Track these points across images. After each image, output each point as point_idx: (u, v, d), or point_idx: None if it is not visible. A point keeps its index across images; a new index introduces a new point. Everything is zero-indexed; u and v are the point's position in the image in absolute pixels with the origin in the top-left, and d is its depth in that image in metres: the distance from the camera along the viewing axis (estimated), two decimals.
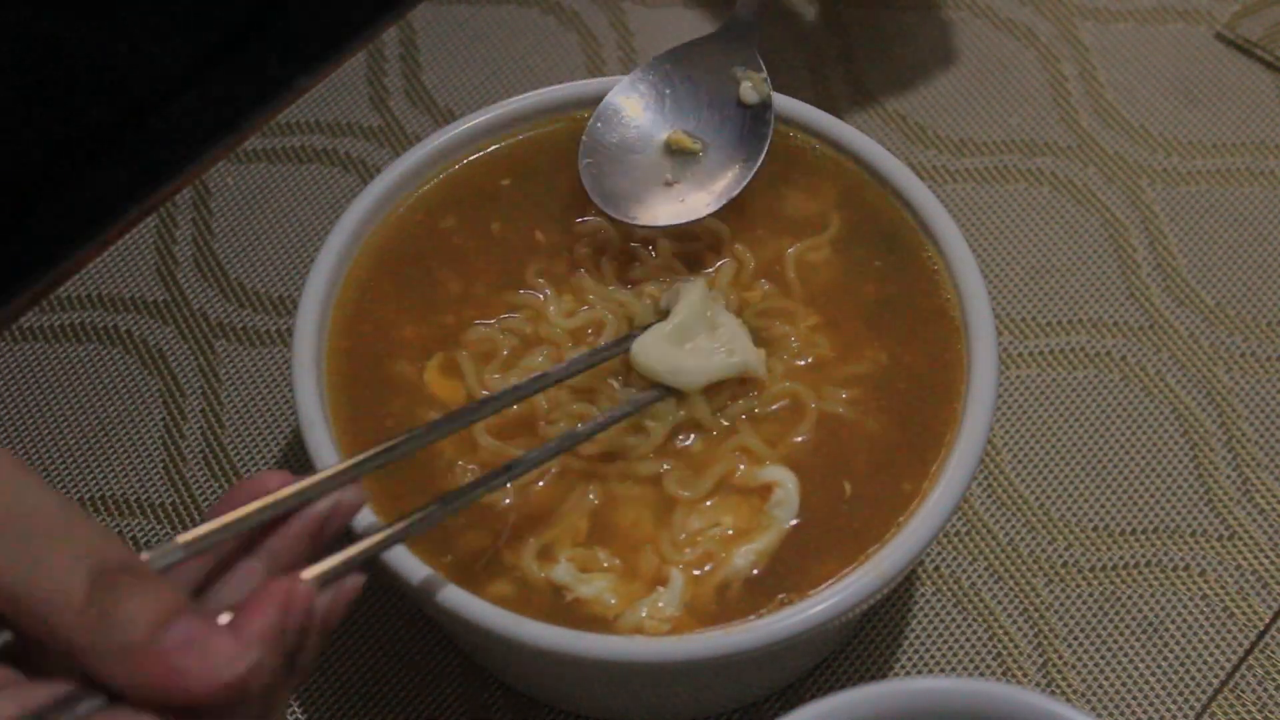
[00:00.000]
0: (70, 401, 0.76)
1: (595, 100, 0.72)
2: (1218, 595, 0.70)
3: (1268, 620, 0.69)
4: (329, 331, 0.66)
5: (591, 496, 0.63)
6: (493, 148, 0.72)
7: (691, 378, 0.64)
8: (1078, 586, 0.70)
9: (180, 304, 0.79)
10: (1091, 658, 0.68)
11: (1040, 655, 0.68)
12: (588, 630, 0.59)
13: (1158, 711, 0.67)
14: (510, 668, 0.67)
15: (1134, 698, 0.67)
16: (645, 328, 0.65)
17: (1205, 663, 0.68)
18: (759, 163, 0.69)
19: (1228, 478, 0.73)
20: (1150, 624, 0.69)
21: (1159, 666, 0.68)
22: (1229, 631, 0.69)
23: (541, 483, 0.63)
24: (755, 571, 0.61)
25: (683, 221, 0.68)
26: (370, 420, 0.65)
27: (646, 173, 0.69)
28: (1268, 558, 0.70)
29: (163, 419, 0.76)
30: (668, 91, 0.71)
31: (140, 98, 0.87)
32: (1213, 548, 0.71)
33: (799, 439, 0.64)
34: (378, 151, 0.84)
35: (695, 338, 0.64)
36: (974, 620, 0.69)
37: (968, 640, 0.69)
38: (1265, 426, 0.74)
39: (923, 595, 0.70)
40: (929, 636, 0.69)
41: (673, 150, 0.70)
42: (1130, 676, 0.68)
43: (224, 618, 0.47)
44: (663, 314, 0.66)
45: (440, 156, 0.71)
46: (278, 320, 0.78)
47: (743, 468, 0.63)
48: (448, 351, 0.67)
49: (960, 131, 0.84)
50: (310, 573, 0.49)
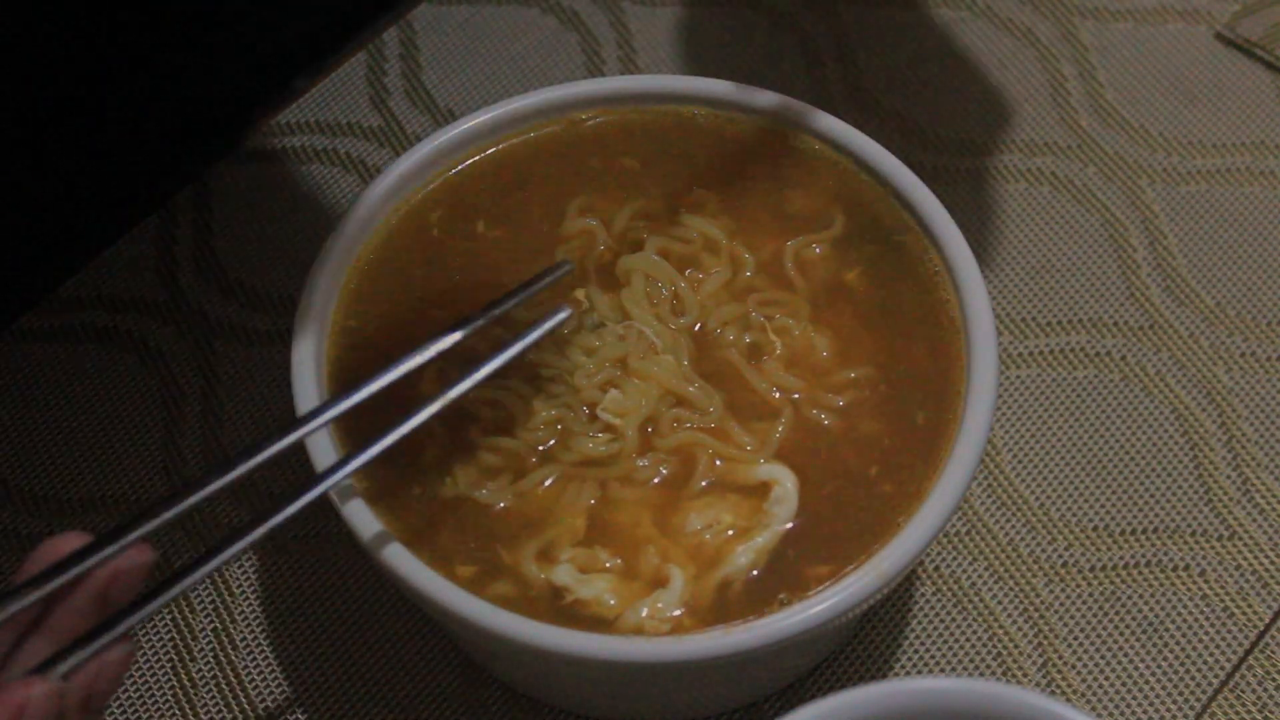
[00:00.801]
0: (70, 401, 0.76)
1: (595, 100, 0.72)
2: (1218, 595, 0.70)
3: (1268, 620, 0.69)
4: (329, 331, 0.66)
5: (590, 499, 0.63)
6: (492, 149, 0.72)
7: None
8: (1078, 586, 0.70)
9: (180, 304, 0.79)
10: (1091, 658, 0.68)
11: (1040, 655, 0.68)
12: (588, 631, 0.59)
13: (1158, 711, 0.67)
14: (510, 668, 0.67)
15: (1134, 698, 0.67)
16: None
17: (1205, 663, 0.68)
18: None
19: (1228, 478, 0.73)
20: (1150, 624, 0.69)
21: (1159, 666, 0.68)
22: (1229, 631, 0.69)
23: (542, 484, 0.63)
24: (755, 571, 0.61)
25: None
26: (370, 420, 0.65)
27: None
28: (1268, 558, 0.71)
29: (163, 419, 0.76)
30: None
31: (141, 98, 0.87)
32: (1213, 548, 0.71)
33: (798, 438, 0.64)
34: (378, 151, 0.84)
35: None
36: (974, 620, 0.69)
37: (968, 640, 0.69)
38: (1265, 426, 0.74)
39: (923, 595, 0.70)
40: (929, 636, 0.69)
41: None
42: (1130, 676, 0.68)
43: None
44: None
45: (440, 156, 0.71)
46: (278, 320, 0.78)
47: (740, 467, 0.63)
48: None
49: (960, 131, 0.84)
50: (64, 664, 0.49)
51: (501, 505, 0.63)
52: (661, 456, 0.64)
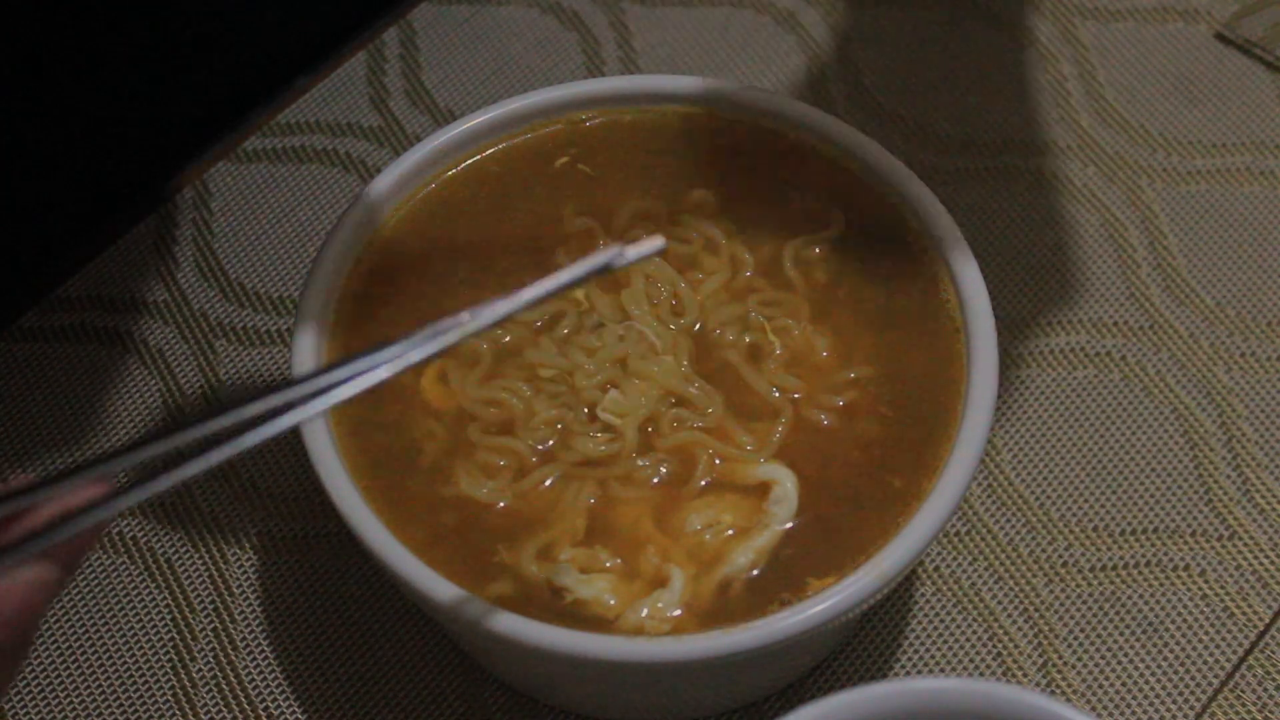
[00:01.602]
0: (70, 401, 0.76)
1: (595, 100, 0.72)
2: (1218, 595, 0.70)
3: (1268, 620, 0.69)
4: (329, 331, 0.66)
5: (590, 499, 0.63)
6: (492, 149, 0.72)
7: None
8: (1078, 586, 0.70)
9: (180, 304, 0.79)
10: (1091, 658, 0.68)
11: (1040, 655, 0.68)
12: (588, 630, 0.60)
13: (1158, 711, 0.67)
14: (510, 668, 0.67)
15: (1134, 698, 0.67)
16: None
17: (1205, 663, 0.68)
18: None
19: (1228, 478, 0.73)
20: (1150, 624, 0.69)
21: (1159, 666, 0.68)
22: (1229, 631, 0.69)
23: (542, 484, 0.63)
24: (755, 570, 0.61)
25: None
26: (370, 420, 0.65)
27: None
28: (1268, 558, 0.71)
29: (163, 419, 0.76)
30: None
31: (141, 98, 0.87)
32: (1213, 548, 0.71)
33: (798, 438, 0.64)
34: (378, 151, 0.84)
35: None
36: (974, 620, 0.69)
37: (968, 640, 0.69)
38: (1265, 426, 0.74)
39: (923, 595, 0.70)
40: (929, 636, 0.69)
41: None
42: (1130, 676, 0.68)
43: None
44: None
45: (440, 156, 0.71)
46: (278, 320, 0.78)
47: (739, 466, 0.64)
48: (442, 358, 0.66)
49: (960, 131, 0.84)
50: None
51: (501, 505, 0.63)
52: (661, 456, 0.64)
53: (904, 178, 0.69)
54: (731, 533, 0.62)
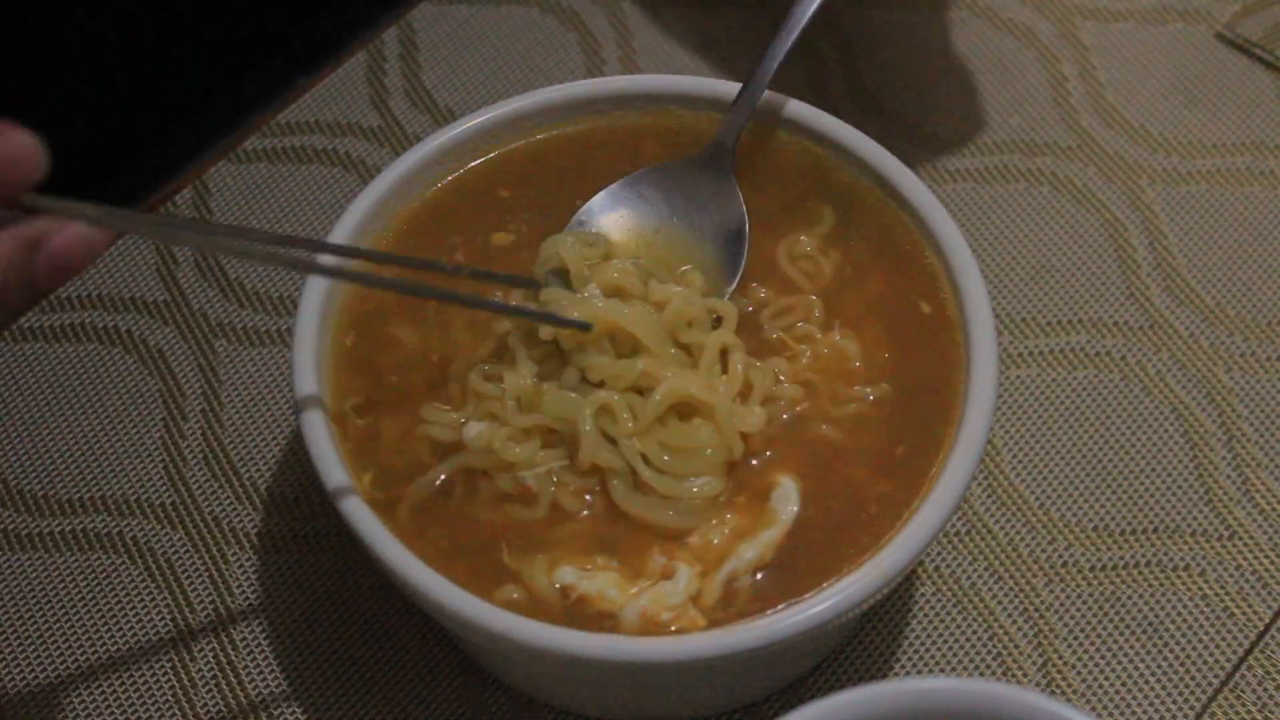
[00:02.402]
0: (70, 401, 0.76)
1: (596, 100, 0.72)
2: (1218, 595, 0.70)
3: (1268, 620, 0.69)
4: (329, 331, 0.66)
5: (587, 509, 0.63)
6: (492, 149, 0.72)
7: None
8: (1078, 586, 0.70)
9: (180, 304, 0.79)
10: (1091, 658, 0.68)
11: (1040, 655, 0.68)
12: (591, 627, 0.60)
13: (1158, 711, 0.67)
14: (510, 668, 0.67)
15: (1134, 698, 0.67)
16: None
17: (1205, 663, 0.68)
18: (733, 285, 0.68)
19: (1228, 478, 0.73)
20: (1150, 624, 0.69)
21: (1159, 666, 0.68)
22: (1229, 631, 0.69)
23: (539, 486, 0.63)
24: (759, 567, 0.61)
25: None
26: (370, 419, 0.65)
27: None
28: (1268, 558, 0.70)
29: (163, 419, 0.76)
30: (645, 209, 0.70)
31: (141, 98, 0.87)
32: (1213, 548, 0.71)
33: (798, 438, 0.64)
34: (378, 151, 0.84)
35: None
36: (974, 620, 0.69)
37: (968, 640, 0.69)
38: (1265, 426, 0.74)
39: (923, 595, 0.70)
40: (929, 636, 0.69)
41: None
42: (1130, 676, 0.68)
43: None
44: None
45: (440, 156, 0.71)
46: (278, 320, 0.78)
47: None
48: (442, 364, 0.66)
49: (960, 131, 0.84)
50: None
51: (517, 515, 0.63)
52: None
53: (903, 177, 0.69)
54: (731, 531, 0.62)
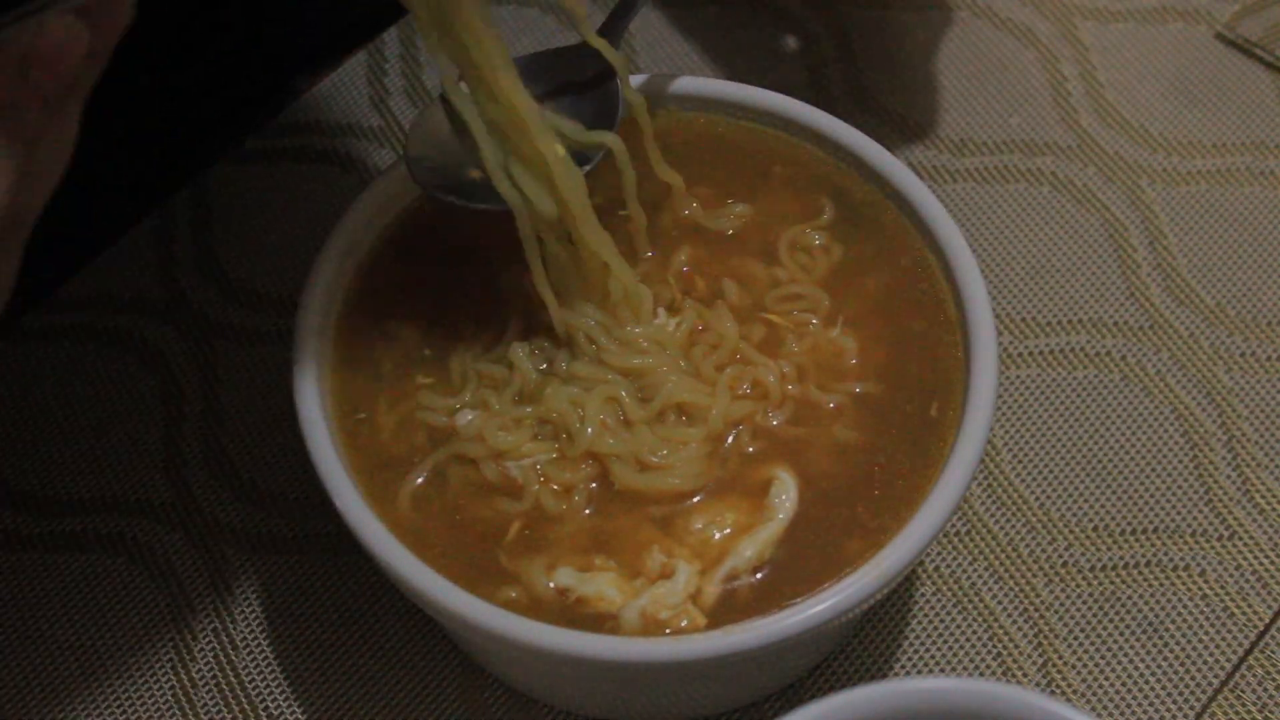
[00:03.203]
0: (70, 401, 0.76)
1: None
2: (1218, 595, 0.70)
3: (1268, 620, 0.69)
4: (329, 331, 0.66)
5: (588, 511, 0.63)
6: None
7: None
8: (1078, 586, 0.70)
9: (180, 304, 0.79)
10: (1091, 658, 0.68)
11: (1040, 655, 0.68)
12: (591, 627, 0.59)
13: (1158, 711, 0.67)
14: (510, 668, 0.67)
15: (1134, 698, 0.67)
16: None
17: (1205, 663, 0.68)
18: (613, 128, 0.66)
19: (1228, 478, 0.73)
20: (1150, 624, 0.69)
21: (1159, 666, 0.68)
22: (1229, 631, 0.69)
23: (524, 478, 0.63)
24: (759, 564, 0.61)
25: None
26: (370, 420, 0.65)
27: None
28: (1268, 558, 0.71)
29: (163, 419, 0.76)
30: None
31: (141, 98, 0.87)
32: (1213, 548, 0.71)
33: (798, 437, 0.64)
34: (378, 151, 0.84)
35: None
36: (974, 620, 0.69)
37: (968, 640, 0.69)
38: (1265, 426, 0.74)
39: (923, 595, 0.70)
40: (929, 636, 0.69)
41: None
42: (1130, 676, 0.68)
43: None
44: None
45: None
46: (278, 320, 0.78)
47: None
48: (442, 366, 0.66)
49: (960, 131, 0.84)
50: None
51: (504, 508, 0.63)
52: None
53: (904, 177, 0.69)
54: (732, 530, 0.62)
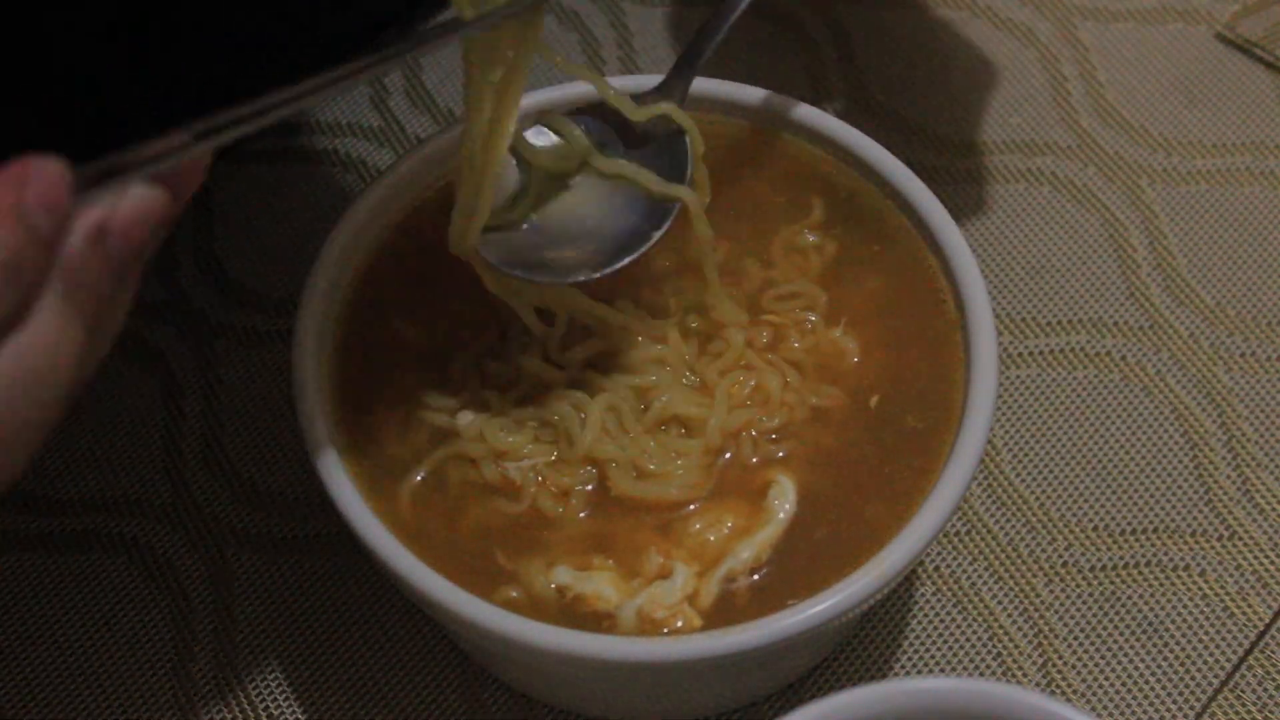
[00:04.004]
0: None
1: (594, 100, 0.72)
2: (1218, 595, 0.70)
3: (1268, 620, 0.69)
4: (329, 331, 0.66)
5: (585, 514, 0.63)
6: None
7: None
8: (1078, 586, 0.70)
9: (180, 304, 0.79)
10: (1091, 658, 0.68)
11: (1040, 655, 0.68)
12: (589, 626, 0.60)
13: (1158, 711, 0.67)
14: (510, 668, 0.67)
15: (1134, 698, 0.67)
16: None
17: (1205, 663, 0.68)
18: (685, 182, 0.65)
19: (1228, 478, 0.73)
20: (1150, 624, 0.69)
21: (1159, 666, 0.68)
22: (1229, 631, 0.69)
23: (522, 479, 0.63)
24: (756, 567, 0.61)
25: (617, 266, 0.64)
26: (370, 420, 0.65)
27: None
28: (1268, 558, 0.71)
29: (163, 419, 0.76)
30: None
31: (141, 98, 0.87)
32: (1213, 548, 0.71)
33: (798, 437, 0.64)
34: (378, 151, 0.84)
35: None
36: (974, 620, 0.69)
37: (968, 640, 0.69)
38: (1265, 426, 0.74)
39: (923, 595, 0.70)
40: (929, 636, 0.69)
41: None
42: (1130, 676, 0.68)
43: None
44: None
45: (440, 156, 0.71)
46: (278, 320, 0.78)
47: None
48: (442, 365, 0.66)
49: (960, 131, 0.84)
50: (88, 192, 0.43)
51: (503, 509, 0.63)
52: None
53: (904, 177, 0.69)
54: (729, 530, 0.62)
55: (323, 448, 0.62)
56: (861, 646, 0.69)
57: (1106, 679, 0.68)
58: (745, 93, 0.72)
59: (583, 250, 0.64)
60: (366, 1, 0.88)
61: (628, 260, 0.63)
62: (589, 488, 0.63)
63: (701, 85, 0.72)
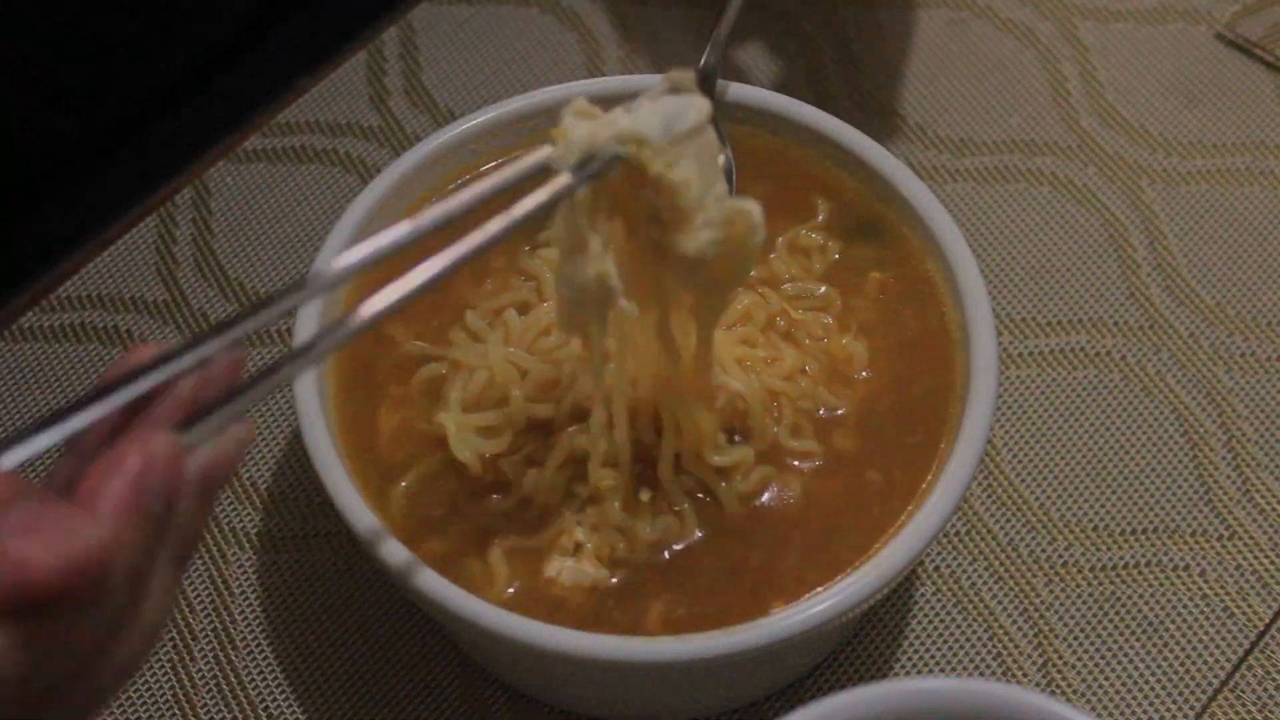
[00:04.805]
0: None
1: (595, 101, 0.71)
2: (1218, 595, 0.70)
3: (1268, 620, 0.69)
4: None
5: (583, 515, 0.63)
6: (492, 150, 0.72)
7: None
8: (1078, 586, 0.70)
9: (180, 304, 0.79)
10: (1091, 658, 0.68)
11: (1040, 655, 0.68)
12: (578, 608, 0.60)
13: (1158, 711, 0.67)
14: (510, 668, 0.67)
15: (1134, 698, 0.67)
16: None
17: (1205, 663, 0.68)
18: None
19: (1228, 478, 0.73)
20: (1150, 624, 0.69)
21: (1159, 666, 0.68)
22: (1229, 631, 0.69)
23: (548, 494, 0.63)
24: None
25: None
26: (370, 421, 0.65)
27: None
28: (1268, 558, 0.71)
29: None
30: None
31: (141, 98, 0.87)
32: (1213, 548, 0.71)
33: (799, 438, 0.64)
34: (378, 151, 0.84)
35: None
36: (974, 620, 0.69)
37: (968, 640, 0.69)
38: (1265, 426, 0.74)
39: (923, 595, 0.70)
40: (929, 636, 0.69)
41: None
42: (1130, 676, 0.68)
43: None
44: None
45: (440, 156, 0.71)
46: (278, 320, 0.78)
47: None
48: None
49: (960, 131, 0.84)
50: (185, 435, 0.44)
51: (503, 510, 0.63)
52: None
53: (904, 177, 0.69)
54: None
55: (323, 448, 0.62)
56: (861, 646, 0.69)
57: (1106, 679, 0.68)
58: (746, 93, 0.72)
59: None
60: None
61: None
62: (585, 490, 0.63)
63: None
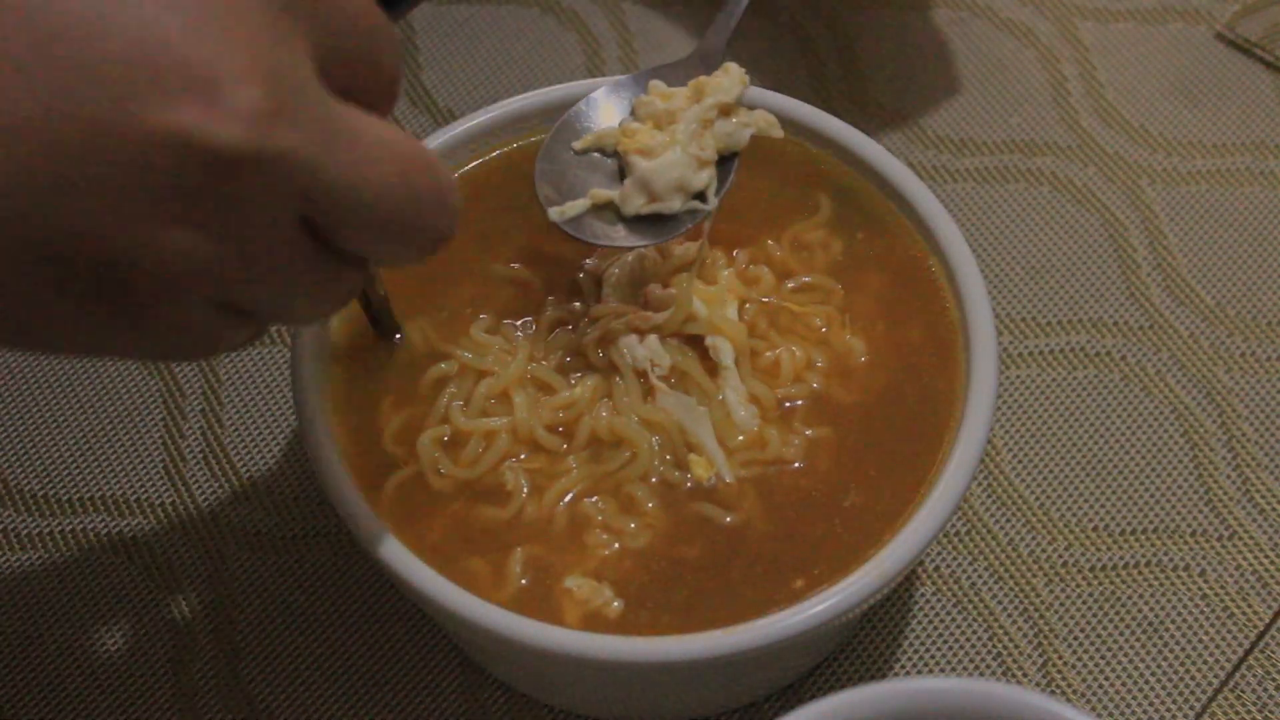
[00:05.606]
0: (70, 401, 0.76)
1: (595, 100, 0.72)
2: (1218, 595, 0.70)
3: (1268, 620, 0.69)
4: (329, 330, 0.66)
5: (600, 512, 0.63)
6: (492, 149, 0.72)
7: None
8: (1078, 586, 0.70)
9: None
10: (1091, 658, 0.68)
11: (1040, 655, 0.68)
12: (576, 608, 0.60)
13: (1158, 711, 0.67)
14: (510, 668, 0.67)
15: (1134, 698, 0.67)
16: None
17: (1205, 663, 0.68)
18: (728, 183, 0.67)
19: (1228, 478, 0.73)
20: (1150, 624, 0.69)
21: (1159, 666, 0.68)
22: (1229, 631, 0.69)
23: (557, 503, 0.63)
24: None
25: (648, 243, 0.66)
26: (370, 421, 0.65)
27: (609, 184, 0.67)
28: (1268, 558, 0.71)
29: (163, 419, 0.76)
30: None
31: None
32: (1213, 548, 0.71)
33: (798, 439, 0.64)
34: None
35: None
36: (974, 620, 0.69)
37: (968, 640, 0.69)
38: (1265, 426, 0.74)
39: (923, 595, 0.70)
40: (929, 636, 0.69)
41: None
42: (1130, 676, 0.68)
43: None
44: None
45: (440, 156, 0.70)
46: None
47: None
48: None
49: (960, 131, 0.84)
50: None
51: (503, 512, 0.63)
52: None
53: (904, 178, 0.69)
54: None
55: (323, 448, 0.62)
56: (861, 646, 0.69)
57: (1106, 679, 0.68)
58: (746, 93, 0.72)
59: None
60: None
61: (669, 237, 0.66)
62: (582, 489, 0.63)
63: None
